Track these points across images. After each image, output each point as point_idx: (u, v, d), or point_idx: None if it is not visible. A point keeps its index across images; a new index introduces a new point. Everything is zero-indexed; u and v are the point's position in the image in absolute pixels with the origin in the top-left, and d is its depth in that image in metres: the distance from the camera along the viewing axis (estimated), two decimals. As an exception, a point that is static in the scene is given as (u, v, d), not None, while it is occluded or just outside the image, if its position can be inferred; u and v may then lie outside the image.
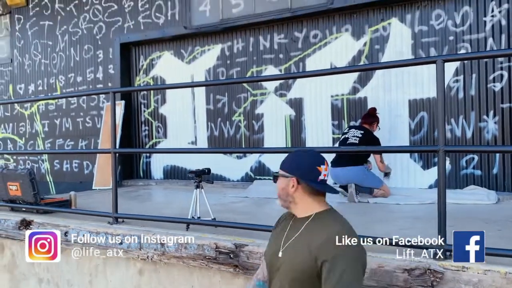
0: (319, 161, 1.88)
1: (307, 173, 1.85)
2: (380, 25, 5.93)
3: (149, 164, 7.90)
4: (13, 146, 9.32)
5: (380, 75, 5.88)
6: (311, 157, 1.90)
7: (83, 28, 8.25)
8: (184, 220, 3.58)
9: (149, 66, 7.85)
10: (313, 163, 1.87)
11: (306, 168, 1.86)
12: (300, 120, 6.49)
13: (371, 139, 5.08)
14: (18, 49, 9.26)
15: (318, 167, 1.85)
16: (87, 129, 8.22)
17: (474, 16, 5.39)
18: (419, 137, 5.70)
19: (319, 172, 1.85)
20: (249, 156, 6.88)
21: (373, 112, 5.40)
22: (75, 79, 8.36)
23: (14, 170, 4.52)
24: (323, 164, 1.86)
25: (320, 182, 1.85)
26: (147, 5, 7.53)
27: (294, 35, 6.51)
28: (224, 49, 7.09)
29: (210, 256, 3.12)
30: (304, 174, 1.85)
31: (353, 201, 4.98)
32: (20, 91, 9.22)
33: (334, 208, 1.95)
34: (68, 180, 8.42)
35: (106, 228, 3.67)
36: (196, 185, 3.75)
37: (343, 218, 1.92)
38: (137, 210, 4.51)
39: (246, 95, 6.92)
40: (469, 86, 5.42)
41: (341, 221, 1.88)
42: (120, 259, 3.61)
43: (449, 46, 5.51)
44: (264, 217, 4.26)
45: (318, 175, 1.84)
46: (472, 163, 5.41)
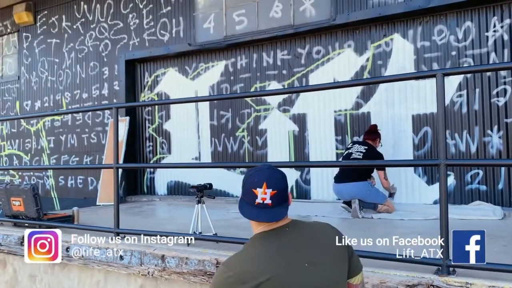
0: (254, 183, 1.65)
1: (246, 194, 1.67)
2: (383, 40, 5.97)
3: (153, 180, 7.91)
4: (19, 162, 9.38)
5: (383, 90, 5.89)
6: (251, 177, 1.69)
7: (89, 46, 8.37)
8: (185, 235, 3.55)
9: (154, 83, 7.92)
10: (249, 184, 1.67)
11: (245, 188, 1.69)
12: (304, 136, 6.49)
13: (374, 154, 5.05)
14: (25, 66, 9.40)
15: (253, 189, 1.64)
16: (92, 145, 8.27)
17: (476, 31, 5.41)
18: (423, 152, 5.67)
19: (255, 195, 1.63)
20: (253, 172, 6.86)
21: (374, 129, 5.40)
22: (80, 96, 8.45)
23: (17, 186, 4.52)
24: (259, 187, 1.63)
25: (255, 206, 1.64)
26: (152, 22, 7.64)
27: (297, 51, 6.56)
28: (228, 65, 7.16)
29: (211, 272, 3.09)
30: (244, 195, 1.69)
31: (357, 217, 4.94)
32: (26, 107, 9.32)
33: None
34: (72, 196, 8.44)
35: (107, 243, 3.65)
36: (197, 200, 3.73)
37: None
38: (140, 225, 4.50)
39: (249, 111, 6.95)
40: (473, 101, 5.41)
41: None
42: (121, 275, 3.58)
43: (451, 61, 5.52)
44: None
45: (254, 199, 1.63)
46: (477, 178, 5.36)
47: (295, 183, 6.52)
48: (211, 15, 7.12)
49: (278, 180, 1.66)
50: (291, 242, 1.63)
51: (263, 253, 1.60)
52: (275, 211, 1.64)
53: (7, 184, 4.70)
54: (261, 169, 1.70)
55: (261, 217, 1.63)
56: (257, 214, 1.63)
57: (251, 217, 1.65)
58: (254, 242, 1.66)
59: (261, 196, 1.62)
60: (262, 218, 1.63)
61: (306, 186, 6.43)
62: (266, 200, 1.63)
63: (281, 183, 1.67)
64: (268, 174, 1.67)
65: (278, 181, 1.66)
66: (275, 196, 1.63)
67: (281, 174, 1.69)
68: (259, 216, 1.63)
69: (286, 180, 1.70)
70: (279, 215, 1.65)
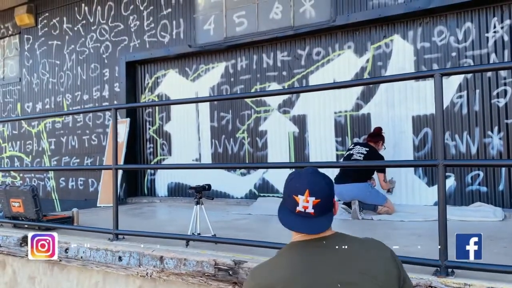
0: (295, 189, 1.49)
1: (286, 199, 1.53)
2: (383, 42, 5.96)
3: (154, 181, 7.91)
4: (20, 164, 9.39)
5: (383, 91, 5.89)
6: (292, 181, 1.54)
7: (90, 47, 8.39)
8: (184, 236, 3.55)
9: (155, 84, 7.93)
10: (290, 189, 1.52)
11: (285, 194, 1.55)
12: (304, 137, 6.48)
13: (375, 156, 5.04)
14: (26, 68, 9.43)
15: (295, 196, 1.48)
16: (93, 147, 8.28)
17: (476, 32, 5.40)
18: (423, 153, 5.66)
19: (296, 202, 1.48)
20: (253, 173, 6.87)
21: (378, 132, 5.39)
22: (81, 97, 8.47)
23: (17, 187, 4.52)
24: (301, 194, 1.47)
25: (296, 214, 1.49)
26: (153, 24, 7.65)
27: (297, 53, 6.56)
28: (228, 67, 7.16)
29: (209, 273, 3.08)
30: (285, 200, 1.55)
31: (357, 218, 4.93)
32: (28, 109, 9.35)
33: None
34: (73, 197, 8.44)
35: (106, 244, 3.65)
36: (196, 201, 3.73)
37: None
38: (140, 227, 4.50)
39: (250, 112, 6.95)
40: (473, 102, 5.40)
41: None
42: (120, 276, 3.58)
43: (451, 62, 5.51)
44: (266, 234, 4.22)
45: (295, 206, 1.48)
46: (478, 180, 5.35)
47: (295, 184, 6.50)
48: (211, 17, 7.12)
49: (322, 188, 1.49)
50: (326, 257, 1.45)
51: (290, 265, 1.46)
52: (318, 222, 1.48)
53: (6, 185, 4.71)
54: (304, 173, 1.53)
55: (300, 228, 1.49)
56: (296, 223, 1.49)
57: (290, 226, 1.51)
58: (285, 251, 1.53)
59: (302, 204, 1.47)
60: (302, 229, 1.49)
61: (306, 188, 6.41)
62: (308, 209, 1.47)
63: (325, 190, 1.50)
64: (312, 180, 1.49)
65: (322, 189, 1.49)
66: (318, 206, 1.47)
67: (326, 181, 1.52)
68: (298, 226, 1.49)
69: (332, 187, 1.54)
70: (322, 227, 1.49)
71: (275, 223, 5.38)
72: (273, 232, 4.47)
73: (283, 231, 2.09)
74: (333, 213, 1.53)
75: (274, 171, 6.64)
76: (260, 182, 6.82)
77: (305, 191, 1.47)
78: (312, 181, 1.49)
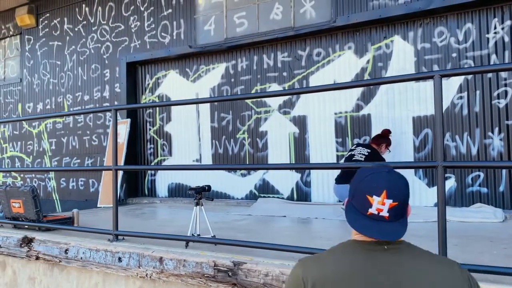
0: (371, 189, 1.33)
1: (356, 198, 1.37)
2: (383, 42, 5.95)
3: (154, 182, 7.92)
4: (21, 164, 9.41)
5: (383, 92, 5.88)
6: (367, 179, 1.36)
7: (90, 48, 8.40)
8: (183, 237, 3.54)
9: (155, 85, 7.94)
10: (363, 189, 1.35)
11: (357, 192, 1.37)
12: (304, 138, 6.48)
13: (377, 158, 5.03)
14: (27, 68, 9.44)
15: (369, 196, 1.32)
16: (94, 147, 8.29)
17: (476, 33, 5.39)
18: (423, 154, 5.65)
19: (369, 203, 1.32)
20: (253, 174, 6.87)
21: (386, 134, 5.38)
22: (82, 98, 8.48)
23: (17, 188, 4.52)
24: (377, 195, 1.31)
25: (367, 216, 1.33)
26: (153, 25, 7.66)
27: (298, 53, 6.55)
28: (229, 67, 7.16)
29: (208, 274, 3.08)
30: (354, 198, 1.39)
31: (357, 219, 4.91)
32: (28, 110, 9.36)
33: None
34: (74, 198, 8.46)
35: (106, 245, 3.65)
36: (196, 202, 3.72)
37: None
38: (140, 227, 4.50)
39: (250, 113, 6.95)
40: (474, 103, 5.39)
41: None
42: (120, 277, 3.58)
43: (452, 63, 5.51)
44: (266, 235, 4.23)
45: (368, 207, 1.33)
46: (478, 181, 5.34)
47: (295, 185, 6.51)
48: (212, 17, 7.13)
49: (401, 189, 1.33)
50: (381, 266, 1.29)
51: (343, 264, 1.32)
52: (392, 227, 1.31)
53: (7, 186, 4.70)
54: (380, 171, 1.36)
55: (373, 232, 1.31)
56: (368, 227, 1.32)
57: (361, 230, 1.33)
58: (340, 249, 1.38)
59: (377, 206, 1.31)
60: (375, 234, 1.31)
61: (306, 188, 6.42)
62: (383, 212, 1.31)
63: (403, 192, 1.33)
64: (390, 180, 1.33)
65: (401, 190, 1.33)
66: (395, 209, 1.30)
67: (404, 182, 1.36)
68: (370, 229, 1.31)
69: (408, 189, 1.37)
70: (397, 233, 1.31)
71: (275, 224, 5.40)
72: (273, 233, 4.48)
73: (282, 232, 2.09)
74: (407, 219, 1.36)
75: (274, 172, 6.64)
76: (261, 183, 6.82)
77: (383, 192, 1.31)
78: (391, 182, 1.33)
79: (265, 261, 2.95)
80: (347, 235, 1.61)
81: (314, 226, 4.82)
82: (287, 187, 6.57)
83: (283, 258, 2.98)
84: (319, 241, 3.74)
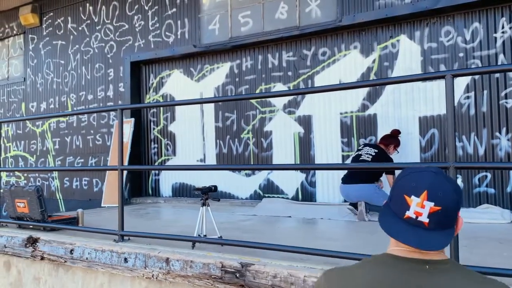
0: (409, 188, 1.16)
1: (393, 199, 1.21)
2: (389, 42, 5.92)
3: (158, 181, 7.89)
4: (24, 163, 9.40)
5: (389, 92, 5.84)
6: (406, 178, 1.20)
7: (94, 47, 8.38)
8: (190, 238, 3.51)
9: (159, 84, 7.91)
10: (402, 188, 1.18)
11: (394, 191, 1.21)
12: (309, 138, 6.44)
13: (384, 158, 4.99)
14: (31, 68, 9.43)
15: (407, 196, 1.15)
16: (97, 147, 8.27)
17: (484, 32, 5.35)
18: (430, 154, 5.61)
19: (407, 204, 1.15)
20: (258, 174, 6.84)
21: (395, 134, 5.33)
22: (86, 97, 8.46)
23: (22, 187, 4.49)
24: (416, 195, 1.13)
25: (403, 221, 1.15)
26: (158, 24, 7.63)
27: (303, 53, 6.52)
28: (233, 67, 7.13)
29: (215, 275, 3.05)
30: (391, 200, 1.22)
31: (363, 220, 4.89)
32: (32, 109, 9.35)
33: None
34: (77, 197, 8.44)
35: (111, 246, 3.62)
36: (202, 202, 3.69)
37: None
38: (144, 228, 4.48)
39: (254, 113, 6.92)
40: (481, 103, 5.35)
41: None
42: (125, 278, 3.55)
43: (459, 62, 5.46)
44: (272, 236, 4.20)
45: (405, 210, 1.15)
46: (485, 181, 5.30)
47: (300, 185, 6.48)
48: (216, 17, 7.10)
49: (446, 193, 1.13)
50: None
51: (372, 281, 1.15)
52: (431, 236, 1.12)
53: (11, 185, 4.68)
54: (425, 170, 1.19)
55: (408, 238, 1.13)
56: (402, 231, 1.14)
57: (393, 233, 1.16)
58: (372, 263, 1.21)
59: (414, 208, 1.13)
60: (408, 240, 1.13)
61: (311, 189, 6.39)
62: (422, 217, 1.12)
63: (450, 197, 1.13)
64: (434, 180, 1.15)
65: (446, 194, 1.13)
66: (437, 215, 1.12)
67: (452, 186, 1.16)
68: (405, 235, 1.14)
69: (460, 197, 1.17)
70: (436, 243, 1.12)
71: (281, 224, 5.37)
72: (279, 234, 4.45)
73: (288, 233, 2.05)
74: (454, 231, 1.16)
75: (279, 172, 6.61)
76: (265, 183, 6.79)
77: (423, 193, 1.13)
78: (435, 182, 1.15)
79: (273, 262, 2.92)
80: (353, 235, 1.55)
81: (320, 227, 4.79)
82: (292, 187, 6.53)
83: (291, 259, 2.95)
84: (325, 242, 3.71)
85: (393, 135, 5.33)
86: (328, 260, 2.88)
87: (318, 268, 2.78)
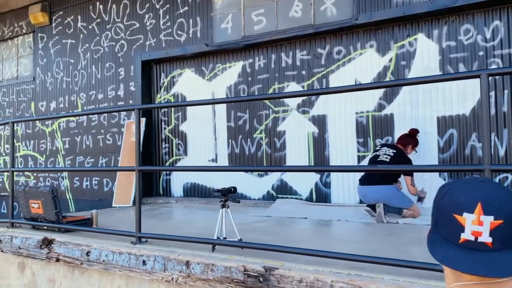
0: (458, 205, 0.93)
1: (441, 223, 0.97)
2: (406, 40, 5.81)
3: (169, 181, 7.82)
4: (34, 163, 9.36)
5: (407, 92, 5.74)
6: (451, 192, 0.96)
7: (104, 46, 8.32)
8: (210, 240, 3.44)
9: (170, 84, 7.84)
10: (447, 207, 0.95)
11: (440, 215, 0.97)
12: (324, 138, 6.35)
13: (402, 159, 4.89)
14: (40, 67, 9.39)
15: (457, 215, 0.92)
16: (108, 146, 8.21)
17: (505, 30, 5.23)
18: (448, 155, 5.50)
19: (460, 225, 0.92)
20: (271, 174, 6.75)
21: (412, 134, 5.23)
22: (96, 97, 8.41)
23: (36, 188, 4.43)
24: (469, 211, 0.91)
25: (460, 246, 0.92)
26: (169, 23, 7.56)
27: (317, 52, 6.42)
28: (246, 66, 7.04)
29: (238, 279, 2.97)
30: (438, 225, 0.98)
31: (382, 222, 4.79)
32: (42, 108, 9.31)
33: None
34: (87, 197, 8.39)
35: (129, 248, 3.55)
36: (222, 204, 3.61)
37: None
38: (159, 229, 4.41)
39: (267, 112, 6.83)
40: (501, 102, 5.23)
41: None
42: (143, 281, 3.48)
43: (478, 61, 5.35)
44: (290, 238, 4.11)
45: (459, 232, 0.92)
46: (506, 182, 5.19)
47: (314, 186, 6.38)
48: (229, 15, 7.02)
49: (504, 201, 0.92)
50: None
51: None
52: (500, 259, 0.89)
53: (26, 186, 4.62)
54: (471, 181, 0.97)
55: (473, 267, 0.89)
56: (462, 260, 0.90)
57: (453, 265, 0.92)
58: None
59: (471, 227, 0.90)
60: (477, 269, 0.89)
61: (326, 189, 6.29)
62: (482, 236, 0.90)
63: (510, 205, 0.91)
64: (486, 189, 0.93)
65: (504, 203, 0.91)
66: (501, 231, 0.89)
67: (507, 191, 0.95)
68: (467, 264, 0.90)
69: None
70: (508, 268, 0.88)
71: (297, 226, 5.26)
72: (297, 236, 4.35)
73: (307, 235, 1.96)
74: None
75: (292, 172, 6.52)
76: (278, 183, 6.70)
77: (476, 206, 0.91)
78: (488, 192, 0.93)
79: (298, 267, 2.83)
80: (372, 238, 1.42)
81: (337, 229, 4.70)
82: (306, 188, 6.44)
83: (316, 263, 2.86)
84: (346, 244, 3.62)
85: (411, 135, 5.23)
86: (354, 265, 2.80)
87: (344, 273, 2.70)
